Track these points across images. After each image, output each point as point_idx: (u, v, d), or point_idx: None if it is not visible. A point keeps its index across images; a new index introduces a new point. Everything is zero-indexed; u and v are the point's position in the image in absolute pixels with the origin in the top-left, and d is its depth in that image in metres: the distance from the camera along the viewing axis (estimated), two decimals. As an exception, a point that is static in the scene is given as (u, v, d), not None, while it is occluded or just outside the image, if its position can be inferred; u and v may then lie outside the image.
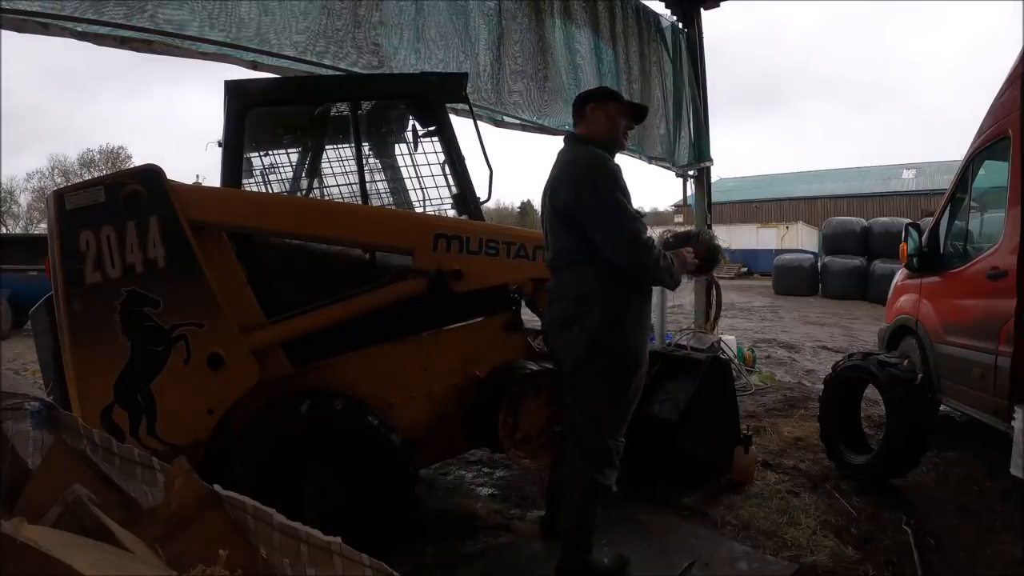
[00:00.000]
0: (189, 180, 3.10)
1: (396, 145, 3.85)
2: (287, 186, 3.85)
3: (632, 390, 2.56)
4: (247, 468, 2.51)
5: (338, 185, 3.69)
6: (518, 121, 5.26)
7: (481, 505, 3.49)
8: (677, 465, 3.55)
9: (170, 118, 74.73)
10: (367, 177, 3.42)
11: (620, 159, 2.65)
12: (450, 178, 3.43)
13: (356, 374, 2.96)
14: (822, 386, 4.27)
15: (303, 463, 2.63)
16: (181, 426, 2.54)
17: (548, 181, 2.62)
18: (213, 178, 3.24)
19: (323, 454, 2.67)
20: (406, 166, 3.75)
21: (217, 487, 1.44)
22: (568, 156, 2.60)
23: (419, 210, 3.55)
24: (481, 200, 3.38)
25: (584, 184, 2.42)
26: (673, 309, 9.09)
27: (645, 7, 6.45)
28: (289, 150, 3.93)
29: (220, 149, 3.08)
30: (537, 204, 2.99)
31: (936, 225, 4.54)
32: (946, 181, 6.27)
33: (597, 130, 2.61)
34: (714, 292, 7.02)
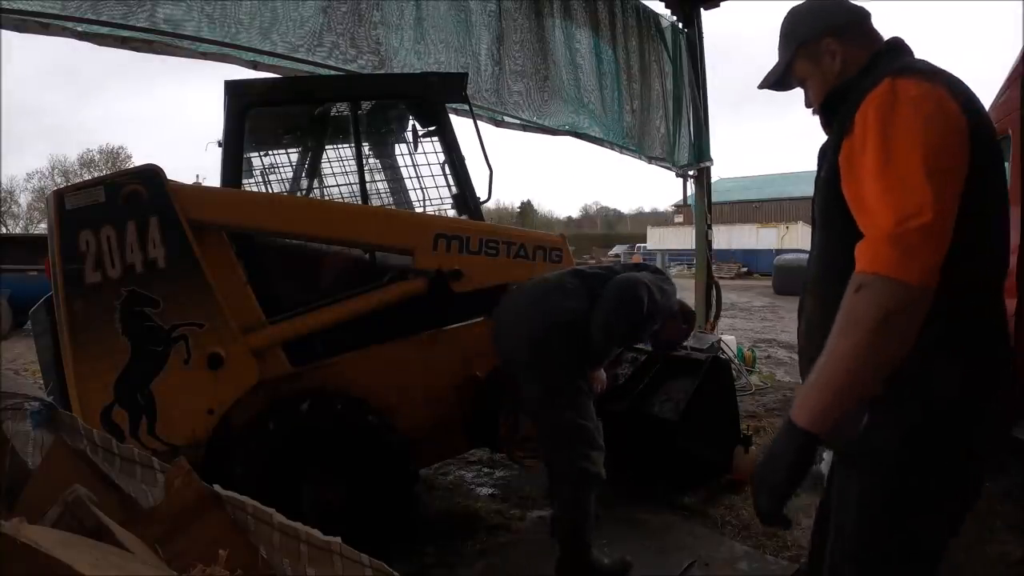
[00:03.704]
0: (189, 180, 3.10)
1: (396, 145, 3.85)
2: (287, 186, 3.85)
3: (586, 372, 2.66)
4: (247, 468, 2.51)
5: (338, 185, 3.69)
6: (518, 121, 5.26)
7: (481, 505, 3.49)
8: (677, 465, 3.55)
9: (170, 118, 74.78)
10: (367, 177, 3.42)
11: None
12: (450, 178, 3.43)
13: (356, 374, 2.95)
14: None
15: (303, 463, 2.63)
16: (181, 426, 2.54)
17: None
18: (213, 178, 3.25)
19: (323, 454, 2.67)
20: (406, 166, 3.75)
21: (217, 487, 1.43)
22: None
23: (419, 210, 3.55)
24: (481, 200, 3.39)
25: None
26: (673, 309, 9.05)
27: (645, 7, 6.43)
28: (289, 150, 3.92)
29: (220, 149, 3.08)
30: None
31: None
32: (946, 181, 6.23)
33: None
34: (714, 292, 7.01)
